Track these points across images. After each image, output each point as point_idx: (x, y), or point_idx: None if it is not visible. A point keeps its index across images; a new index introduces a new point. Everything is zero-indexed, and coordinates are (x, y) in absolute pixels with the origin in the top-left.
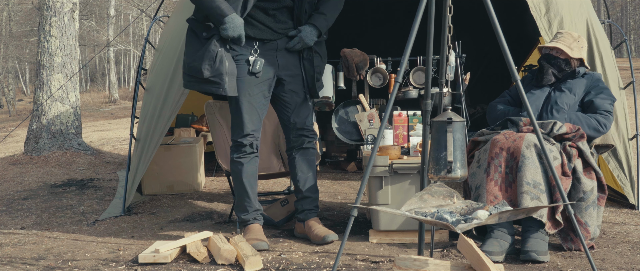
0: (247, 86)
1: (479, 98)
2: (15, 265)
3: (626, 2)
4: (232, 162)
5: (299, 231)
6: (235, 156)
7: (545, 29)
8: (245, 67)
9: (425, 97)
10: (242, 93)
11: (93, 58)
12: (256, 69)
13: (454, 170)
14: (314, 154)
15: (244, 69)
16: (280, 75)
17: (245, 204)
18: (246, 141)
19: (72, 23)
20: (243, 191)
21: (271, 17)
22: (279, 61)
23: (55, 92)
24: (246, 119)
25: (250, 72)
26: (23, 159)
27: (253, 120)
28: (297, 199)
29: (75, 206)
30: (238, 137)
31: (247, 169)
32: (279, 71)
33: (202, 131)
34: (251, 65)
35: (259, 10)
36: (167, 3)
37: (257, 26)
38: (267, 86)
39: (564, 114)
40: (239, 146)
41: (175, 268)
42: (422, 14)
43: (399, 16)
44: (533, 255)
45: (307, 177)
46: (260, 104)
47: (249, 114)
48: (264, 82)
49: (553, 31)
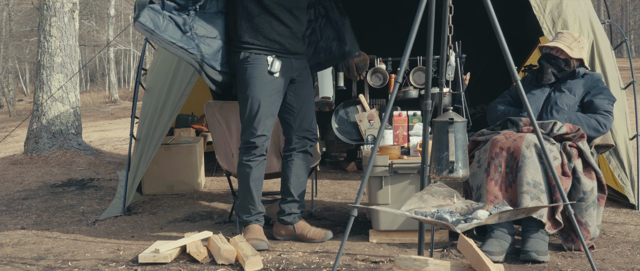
0: (264, 86)
1: (479, 98)
2: (15, 265)
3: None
4: (240, 164)
5: (284, 234)
6: (245, 158)
7: (549, 28)
8: (264, 67)
9: (425, 97)
10: (259, 93)
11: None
12: (275, 69)
13: (456, 170)
14: (311, 161)
15: (263, 68)
16: (294, 77)
17: (249, 206)
18: (259, 143)
19: (72, 23)
20: (248, 193)
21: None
22: (293, 64)
23: (55, 92)
24: (261, 120)
25: (270, 71)
26: (23, 159)
27: (267, 121)
28: (285, 202)
29: (75, 206)
30: (251, 137)
31: (255, 173)
32: (293, 73)
33: (202, 131)
34: (270, 65)
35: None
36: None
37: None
38: (283, 88)
39: (564, 114)
40: (251, 148)
41: (175, 268)
42: (422, 14)
43: (399, 16)
44: (533, 255)
45: (300, 182)
46: (275, 106)
47: (265, 114)
48: (280, 84)
49: (557, 30)
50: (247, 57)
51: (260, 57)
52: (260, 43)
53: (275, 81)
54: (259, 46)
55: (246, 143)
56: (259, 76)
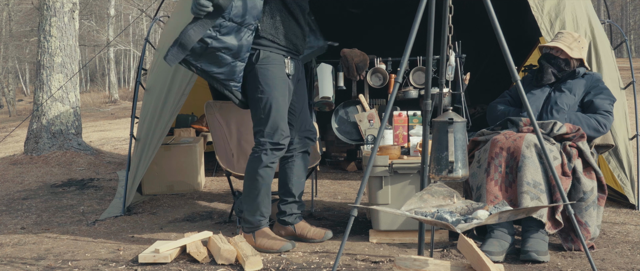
0: (284, 87)
1: (479, 98)
2: (15, 265)
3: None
4: (263, 166)
5: (284, 234)
6: (270, 160)
7: (546, 29)
8: (283, 68)
9: (425, 97)
10: (281, 94)
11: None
12: (292, 70)
13: (456, 170)
14: (309, 161)
15: (282, 70)
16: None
17: (262, 209)
18: (285, 143)
19: (72, 23)
20: (266, 195)
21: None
22: (299, 65)
23: (55, 92)
24: (284, 120)
25: (287, 73)
26: (23, 159)
27: (285, 121)
28: (286, 203)
29: (75, 206)
30: (279, 139)
31: (272, 174)
32: (299, 75)
33: (202, 131)
34: (286, 66)
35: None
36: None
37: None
38: (292, 89)
39: (564, 114)
40: (277, 150)
41: (175, 268)
42: (422, 14)
43: (399, 16)
44: (533, 255)
45: (300, 182)
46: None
47: (286, 114)
48: (291, 83)
49: (554, 31)
50: (268, 56)
51: (279, 57)
52: (279, 42)
53: (288, 83)
54: (279, 45)
55: (275, 145)
56: (280, 76)
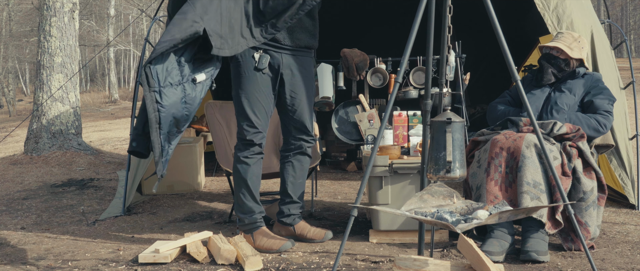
0: (253, 82)
1: (479, 98)
2: (15, 265)
3: (626, 2)
4: (238, 161)
5: (284, 234)
6: (243, 155)
7: (554, 25)
8: (251, 63)
9: (425, 97)
10: (248, 89)
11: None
12: (262, 65)
13: (453, 170)
14: (308, 162)
15: (250, 65)
16: (284, 73)
17: (251, 206)
18: (256, 139)
19: (72, 23)
20: (249, 192)
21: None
22: (284, 60)
23: (55, 92)
24: (254, 115)
25: (256, 68)
26: (23, 159)
27: (261, 116)
28: (284, 203)
29: (75, 206)
30: (247, 135)
31: (253, 170)
32: (283, 69)
33: (202, 131)
34: (257, 61)
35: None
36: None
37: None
38: (273, 83)
39: (564, 114)
40: (248, 145)
41: (175, 268)
42: (422, 14)
43: (399, 16)
44: (533, 255)
45: (299, 183)
46: (267, 101)
47: (257, 109)
48: (269, 79)
49: (562, 27)
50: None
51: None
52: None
53: (263, 77)
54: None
55: (243, 140)
56: (247, 74)
